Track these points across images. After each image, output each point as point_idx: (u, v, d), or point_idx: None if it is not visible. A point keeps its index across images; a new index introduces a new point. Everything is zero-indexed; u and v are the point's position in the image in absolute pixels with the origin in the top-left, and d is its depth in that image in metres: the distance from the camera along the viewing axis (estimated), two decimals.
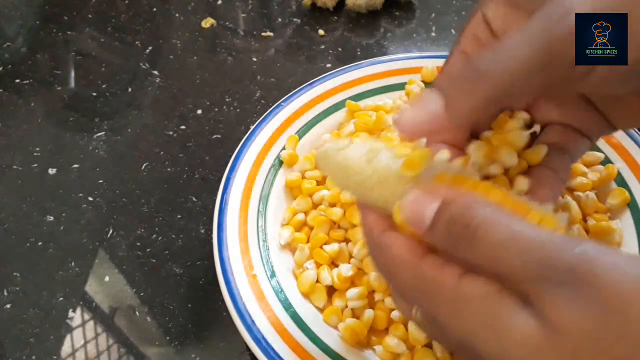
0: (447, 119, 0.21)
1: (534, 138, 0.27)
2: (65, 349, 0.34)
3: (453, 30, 0.56)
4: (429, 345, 0.31)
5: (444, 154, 0.23)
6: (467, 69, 0.21)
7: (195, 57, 0.54)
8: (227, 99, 0.49)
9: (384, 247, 0.22)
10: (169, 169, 0.44)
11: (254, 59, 0.54)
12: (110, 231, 0.40)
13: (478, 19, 0.25)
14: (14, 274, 0.38)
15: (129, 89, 0.51)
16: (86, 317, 0.36)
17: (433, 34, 0.56)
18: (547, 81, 0.20)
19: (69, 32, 0.57)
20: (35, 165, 0.45)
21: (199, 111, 0.49)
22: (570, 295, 0.16)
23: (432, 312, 0.21)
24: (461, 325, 0.19)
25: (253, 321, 0.31)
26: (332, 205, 0.37)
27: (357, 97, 0.44)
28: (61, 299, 0.37)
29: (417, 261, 0.21)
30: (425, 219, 0.21)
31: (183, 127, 0.47)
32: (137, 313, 0.36)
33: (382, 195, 0.23)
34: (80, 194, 0.42)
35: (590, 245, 0.17)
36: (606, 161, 0.38)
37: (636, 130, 0.39)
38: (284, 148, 0.40)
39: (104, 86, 0.51)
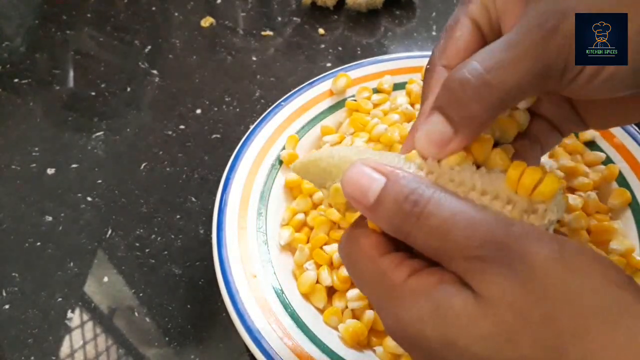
0: (459, 139, 0.22)
1: None
2: (64, 349, 0.34)
3: None
4: None
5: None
6: (465, 93, 0.21)
7: (194, 57, 0.54)
8: (226, 99, 0.49)
9: (354, 238, 0.23)
10: (168, 169, 0.44)
11: (254, 58, 0.53)
12: (109, 231, 0.40)
13: None
14: (13, 274, 0.38)
15: (128, 89, 0.51)
16: (85, 317, 0.36)
17: (434, 33, 0.55)
18: (543, 87, 0.22)
19: (67, 32, 0.57)
20: (34, 165, 0.45)
21: (198, 111, 0.48)
22: (498, 271, 0.19)
23: (382, 307, 0.22)
24: (413, 318, 0.20)
25: (252, 322, 0.31)
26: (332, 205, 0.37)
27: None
28: (60, 299, 0.37)
29: (378, 257, 0.22)
30: (370, 195, 0.21)
31: (182, 126, 0.47)
32: (136, 314, 0.36)
33: None
34: (79, 194, 0.42)
35: (519, 227, 0.19)
36: (607, 161, 0.38)
37: (637, 130, 0.39)
38: (283, 148, 0.40)
39: (102, 86, 0.51)
